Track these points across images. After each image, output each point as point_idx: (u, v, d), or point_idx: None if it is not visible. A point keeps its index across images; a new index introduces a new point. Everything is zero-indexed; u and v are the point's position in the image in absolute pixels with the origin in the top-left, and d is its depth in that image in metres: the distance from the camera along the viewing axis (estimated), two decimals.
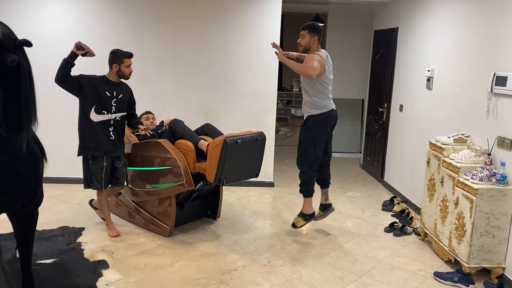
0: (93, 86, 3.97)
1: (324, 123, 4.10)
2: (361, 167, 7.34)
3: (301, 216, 4.38)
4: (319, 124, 4.09)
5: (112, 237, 4.20)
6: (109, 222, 4.30)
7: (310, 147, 4.13)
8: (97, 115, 3.99)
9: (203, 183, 4.24)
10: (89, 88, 3.96)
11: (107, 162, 4.08)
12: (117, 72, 4.07)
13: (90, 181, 4.09)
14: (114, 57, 4.05)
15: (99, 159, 4.04)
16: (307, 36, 4.04)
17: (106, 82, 4.07)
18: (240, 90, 5.76)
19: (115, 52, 4.07)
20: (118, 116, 4.10)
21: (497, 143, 3.65)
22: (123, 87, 4.17)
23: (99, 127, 4.00)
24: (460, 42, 4.35)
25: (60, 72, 3.87)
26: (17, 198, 2.65)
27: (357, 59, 8.08)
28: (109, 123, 4.05)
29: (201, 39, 5.64)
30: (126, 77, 4.13)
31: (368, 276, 3.67)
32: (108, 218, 4.30)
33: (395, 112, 5.99)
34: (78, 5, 5.48)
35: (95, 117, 3.99)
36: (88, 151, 4.04)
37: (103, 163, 4.05)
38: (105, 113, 4.02)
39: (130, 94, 4.24)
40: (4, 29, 2.32)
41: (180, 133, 4.24)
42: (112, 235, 4.21)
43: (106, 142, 4.04)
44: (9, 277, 3.35)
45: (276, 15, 5.61)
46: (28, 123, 2.47)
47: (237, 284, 3.45)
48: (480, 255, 3.53)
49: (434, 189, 4.16)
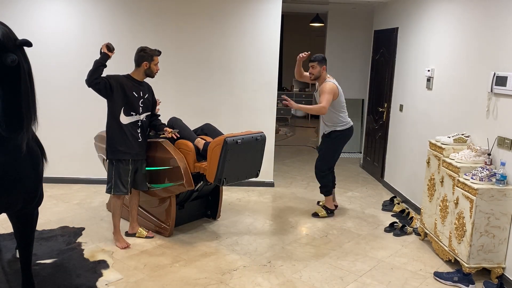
0: (121, 87, 3.85)
1: (345, 136, 4.91)
2: (361, 167, 7.34)
3: (324, 209, 5.03)
4: (342, 138, 4.89)
5: (122, 249, 3.96)
6: (118, 231, 4.07)
7: (332, 154, 4.96)
8: (126, 117, 3.87)
9: (203, 183, 4.24)
10: (118, 90, 3.84)
11: (132, 165, 3.95)
12: (146, 70, 3.95)
13: (115, 185, 3.92)
14: (145, 54, 3.92)
15: (126, 163, 3.92)
16: (317, 66, 4.75)
17: (132, 81, 3.94)
18: (240, 90, 5.76)
19: (144, 50, 3.94)
20: (144, 117, 4.00)
21: (497, 143, 3.65)
22: (146, 86, 4.06)
23: (128, 129, 3.89)
24: (460, 42, 4.35)
25: (93, 75, 3.74)
26: (17, 198, 2.65)
27: (357, 59, 8.08)
28: (137, 124, 3.94)
29: (201, 38, 5.64)
30: (153, 75, 4.02)
31: (368, 276, 3.67)
32: (118, 228, 4.06)
33: (395, 112, 5.99)
34: (78, 5, 5.48)
35: (125, 119, 3.87)
36: (117, 154, 3.89)
37: (129, 166, 3.93)
38: (134, 115, 3.90)
39: (152, 93, 4.14)
40: (4, 29, 2.32)
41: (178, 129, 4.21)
42: (121, 247, 3.97)
43: (134, 145, 3.93)
44: (9, 277, 3.35)
45: (276, 15, 5.61)
46: (28, 123, 2.47)
47: (237, 284, 3.45)
48: (480, 255, 3.53)
49: (434, 189, 4.16)
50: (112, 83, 3.83)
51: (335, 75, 8.64)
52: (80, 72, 5.56)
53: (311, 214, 5.00)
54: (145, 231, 4.24)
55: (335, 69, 8.18)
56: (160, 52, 4.02)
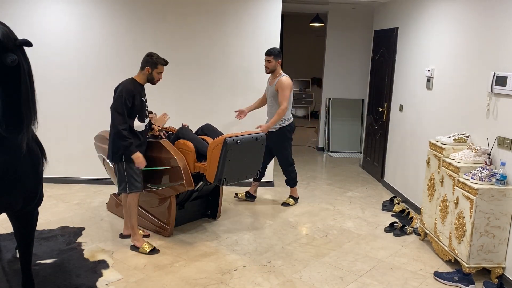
0: (134, 99, 3.78)
1: (293, 129, 5.09)
2: (361, 167, 7.34)
3: (292, 198, 5.38)
4: (291, 131, 5.07)
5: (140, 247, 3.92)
6: (137, 231, 4.01)
7: (289, 147, 5.14)
8: (140, 123, 3.87)
9: (203, 183, 4.24)
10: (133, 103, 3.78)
11: None
12: (148, 76, 3.90)
13: (130, 183, 3.86)
14: (150, 60, 3.87)
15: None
16: (272, 61, 4.84)
17: (139, 87, 3.89)
18: (240, 90, 5.76)
19: (151, 55, 3.89)
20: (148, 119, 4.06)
21: (497, 143, 3.65)
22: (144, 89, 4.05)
23: (141, 133, 3.92)
24: (460, 42, 4.35)
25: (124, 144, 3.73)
26: (17, 198, 2.65)
27: (357, 59, 8.09)
28: (147, 127, 4.01)
29: (201, 39, 5.64)
30: (154, 83, 3.98)
31: (368, 276, 3.67)
32: (136, 227, 4.00)
33: (395, 112, 5.99)
34: (78, 5, 5.48)
35: (139, 126, 3.87)
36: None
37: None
38: (146, 119, 3.94)
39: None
40: (4, 29, 2.32)
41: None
42: (141, 246, 3.92)
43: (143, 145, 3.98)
44: (9, 277, 3.35)
45: (276, 15, 5.61)
46: (28, 123, 2.47)
47: (237, 284, 3.45)
48: (480, 255, 3.53)
49: (434, 189, 4.16)
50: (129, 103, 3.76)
51: (335, 75, 8.67)
52: (80, 72, 5.60)
53: (281, 204, 5.31)
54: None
55: (335, 69, 8.22)
56: (166, 62, 3.95)
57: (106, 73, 5.54)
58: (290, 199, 5.37)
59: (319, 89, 10.02)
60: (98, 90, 5.51)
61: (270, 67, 4.87)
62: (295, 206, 5.29)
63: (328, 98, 8.28)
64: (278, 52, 4.90)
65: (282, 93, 4.79)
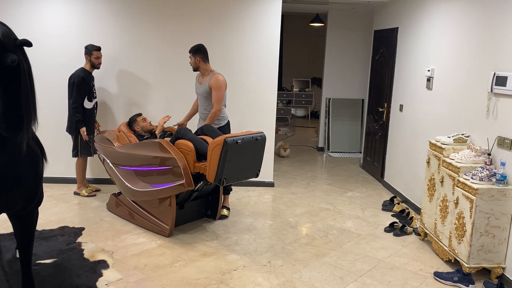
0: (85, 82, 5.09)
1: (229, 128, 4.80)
2: (361, 167, 7.34)
3: (227, 209, 4.93)
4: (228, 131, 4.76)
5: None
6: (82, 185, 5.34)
7: None
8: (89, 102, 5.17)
9: (203, 183, 4.24)
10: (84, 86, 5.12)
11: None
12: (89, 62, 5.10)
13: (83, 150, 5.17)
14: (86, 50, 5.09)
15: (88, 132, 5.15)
16: (192, 57, 4.60)
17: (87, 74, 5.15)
18: (240, 90, 5.76)
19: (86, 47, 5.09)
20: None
21: (497, 143, 3.65)
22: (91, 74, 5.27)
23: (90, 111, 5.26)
24: (460, 42, 4.35)
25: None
26: (17, 198, 2.65)
27: (357, 59, 8.09)
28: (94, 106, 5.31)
29: (201, 38, 5.62)
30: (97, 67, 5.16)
31: (368, 276, 3.67)
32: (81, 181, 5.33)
33: (395, 112, 5.99)
34: (78, 5, 5.48)
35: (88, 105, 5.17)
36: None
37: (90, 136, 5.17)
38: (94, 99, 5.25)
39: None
40: (4, 29, 2.32)
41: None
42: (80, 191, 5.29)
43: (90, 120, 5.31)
44: (9, 277, 3.35)
45: (276, 15, 5.61)
46: (28, 123, 2.47)
47: (237, 284, 3.45)
48: (480, 255, 3.53)
49: (434, 189, 4.16)
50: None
51: (335, 75, 8.66)
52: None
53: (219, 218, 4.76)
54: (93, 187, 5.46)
55: (335, 69, 8.22)
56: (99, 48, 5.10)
57: (106, 73, 5.54)
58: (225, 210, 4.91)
59: (319, 89, 10.02)
60: (98, 90, 5.50)
61: (192, 65, 4.62)
62: (295, 206, 5.28)
63: (328, 98, 8.28)
64: (196, 48, 4.56)
65: (215, 92, 4.48)
